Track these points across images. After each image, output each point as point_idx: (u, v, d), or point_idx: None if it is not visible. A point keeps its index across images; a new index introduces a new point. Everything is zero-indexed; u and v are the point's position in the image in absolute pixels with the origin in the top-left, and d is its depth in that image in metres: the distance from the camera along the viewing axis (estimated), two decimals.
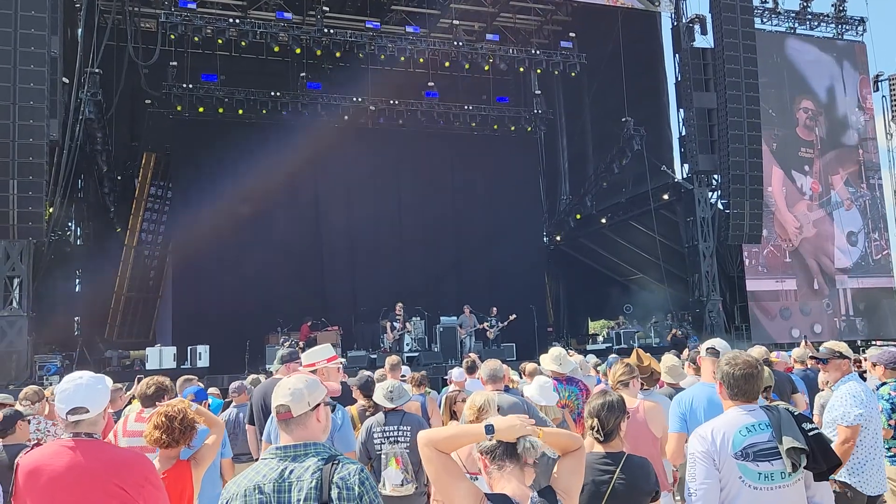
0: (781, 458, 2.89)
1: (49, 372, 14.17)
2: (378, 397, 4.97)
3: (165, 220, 21.74)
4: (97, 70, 16.63)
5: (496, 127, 22.64)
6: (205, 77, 19.60)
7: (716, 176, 20.21)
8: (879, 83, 22.96)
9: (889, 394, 4.89)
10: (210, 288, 19.47)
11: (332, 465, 2.35)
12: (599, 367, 8.54)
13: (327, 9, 19.34)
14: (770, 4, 21.54)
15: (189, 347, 16.09)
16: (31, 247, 14.64)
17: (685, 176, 20.72)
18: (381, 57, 19.53)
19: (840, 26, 22.46)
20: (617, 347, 17.91)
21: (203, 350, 15.95)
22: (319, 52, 19.05)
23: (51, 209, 15.45)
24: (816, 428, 3.03)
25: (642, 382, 5.06)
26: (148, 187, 21.42)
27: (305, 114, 20.32)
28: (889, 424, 4.81)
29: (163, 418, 3.40)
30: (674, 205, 21.23)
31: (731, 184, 19.15)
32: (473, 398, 4.19)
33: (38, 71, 14.09)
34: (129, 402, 6.46)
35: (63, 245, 19.97)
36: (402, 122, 21.52)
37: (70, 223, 20.75)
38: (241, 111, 19.86)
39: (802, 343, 8.90)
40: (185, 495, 3.42)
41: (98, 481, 2.68)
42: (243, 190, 20.23)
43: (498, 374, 4.96)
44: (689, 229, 20.08)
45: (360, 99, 20.86)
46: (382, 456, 4.77)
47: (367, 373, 6.58)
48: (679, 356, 7.44)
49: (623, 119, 20.88)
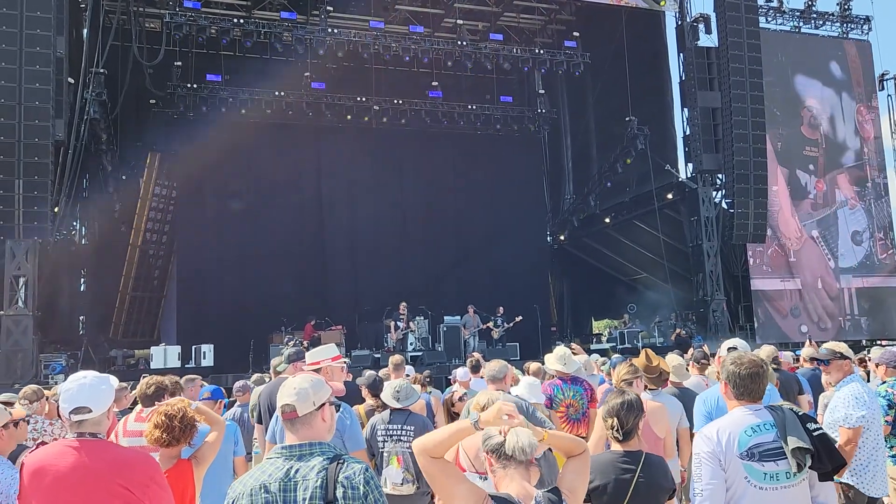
0: (787, 458, 2.89)
1: (54, 371, 14.24)
2: (385, 396, 4.97)
3: (170, 219, 21.78)
4: (102, 70, 16.68)
5: (498, 127, 22.64)
6: (209, 77, 19.65)
7: (720, 175, 20.15)
8: (885, 82, 22.86)
9: (887, 391, 4.94)
10: (214, 287, 19.57)
11: (338, 464, 2.36)
12: (603, 367, 8.51)
13: (331, 8, 19.38)
14: (775, 3, 21.46)
15: (193, 347, 16.15)
16: (36, 246, 14.70)
17: (689, 175, 20.68)
18: (385, 57, 19.57)
19: (845, 25, 22.39)
20: (621, 347, 17.87)
21: (207, 349, 16.05)
22: (322, 52, 19.07)
23: (56, 209, 15.50)
24: (821, 428, 3.03)
25: (651, 383, 5.06)
26: (153, 187, 21.46)
27: (309, 113, 20.36)
28: (886, 420, 4.84)
29: (163, 417, 3.40)
30: (678, 204, 21.18)
31: (736, 183, 19.11)
32: (477, 398, 4.19)
33: (44, 71, 14.15)
34: (135, 402, 6.47)
35: (68, 244, 20.01)
36: (405, 121, 21.53)
37: (75, 223, 20.79)
38: (245, 111, 19.91)
39: (807, 343, 8.89)
40: (186, 494, 3.41)
41: (102, 481, 2.68)
42: (247, 190, 20.33)
43: (499, 375, 4.96)
44: (693, 229, 20.05)
45: (363, 98, 20.87)
46: (384, 454, 4.77)
47: (373, 372, 6.58)
48: (683, 356, 7.42)
49: (627, 118, 20.84)
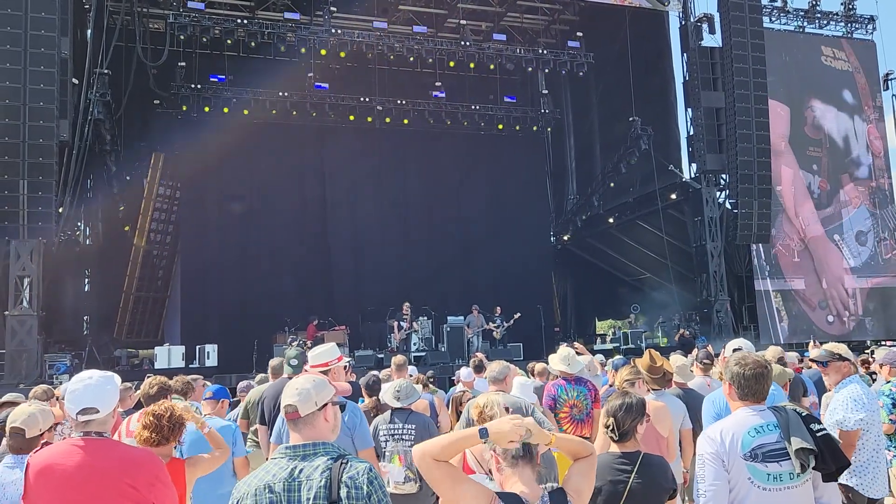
0: (790, 458, 2.89)
1: (59, 371, 14.27)
2: (386, 396, 4.99)
3: (174, 219, 21.82)
4: (106, 71, 16.72)
5: (502, 127, 22.62)
6: (213, 77, 19.70)
7: (724, 175, 20.13)
8: (889, 82, 22.79)
9: (892, 390, 4.93)
10: (218, 287, 19.60)
11: (342, 464, 2.37)
12: (607, 367, 8.50)
13: (335, 9, 19.40)
14: (779, 3, 21.40)
15: (197, 347, 16.19)
16: (40, 247, 14.75)
17: (693, 175, 20.66)
18: (389, 57, 19.57)
19: (850, 25, 22.33)
20: (624, 347, 17.85)
21: (211, 349, 16.08)
22: (325, 52, 19.09)
23: (60, 209, 15.55)
24: (824, 428, 3.02)
25: (655, 383, 5.06)
26: (156, 187, 21.49)
27: (313, 114, 20.38)
28: (891, 420, 4.82)
29: (151, 417, 3.44)
30: (681, 204, 21.15)
31: (740, 183, 19.08)
32: (477, 399, 4.21)
33: (49, 72, 14.20)
34: (139, 402, 6.48)
35: (72, 245, 20.06)
36: (408, 121, 21.54)
37: (79, 223, 20.84)
38: (249, 111, 19.94)
39: (811, 343, 8.89)
40: (176, 493, 3.44)
41: (109, 480, 2.70)
42: (251, 190, 20.37)
43: (500, 376, 4.96)
44: (697, 229, 20.02)
45: (367, 99, 20.89)
46: (386, 453, 4.79)
47: (375, 372, 6.60)
48: (687, 356, 7.41)
49: (630, 118, 20.83)
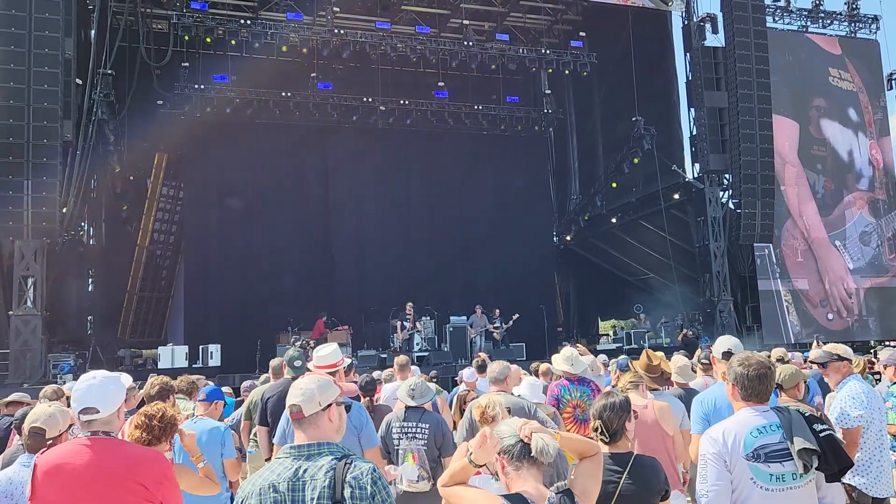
0: (793, 459, 2.88)
1: (63, 371, 14.30)
2: (401, 394, 5.00)
3: (177, 220, 21.87)
4: (110, 71, 16.74)
5: (504, 127, 22.62)
6: (216, 78, 19.72)
7: (727, 175, 20.11)
8: (893, 81, 22.74)
9: None
10: (221, 287, 19.62)
11: (346, 464, 2.38)
12: (610, 367, 8.49)
13: (338, 9, 19.41)
14: (782, 3, 21.37)
15: (201, 346, 16.22)
16: (44, 247, 14.79)
17: (696, 175, 20.63)
18: (392, 57, 19.58)
19: (853, 24, 22.29)
20: (627, 347, 17.84)
21: (214, 349, 16.11)
22: (328, 53, 19.10)
23: (64, 209, 15.58)
24: (828, 429, 3.01)
25: (654, 382, 5.06)
26: (160, 187, 21.55)
27: (316, 114, 20.40)
28: None
29: (142, 418, 3.47)
30: (684, 204, 21.13)
31: (743, 183, 19.06)
32: (479, 400, 4.24)
33: (52, 73, 14.25)
34: (142, 402, 6.50)
35: (76, 245, 20.06)
36: (411, 121, 21.54)
37: (83, 223, 20.85)
38: (252, 111, 19.95)
39: (815, 344, 8.89)
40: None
41: (116, 478, 2.71)
42: (254, 190, 20.39)
43: (500, 376, 4.97)
44: (700, 229, 20.00)
45: (369, 99, 20.91)
46: (399, 451, 4.79)
47: (377, 373, 6.62)
48: (690, 357, 7.40)
49: (633, 118, 20.78)
